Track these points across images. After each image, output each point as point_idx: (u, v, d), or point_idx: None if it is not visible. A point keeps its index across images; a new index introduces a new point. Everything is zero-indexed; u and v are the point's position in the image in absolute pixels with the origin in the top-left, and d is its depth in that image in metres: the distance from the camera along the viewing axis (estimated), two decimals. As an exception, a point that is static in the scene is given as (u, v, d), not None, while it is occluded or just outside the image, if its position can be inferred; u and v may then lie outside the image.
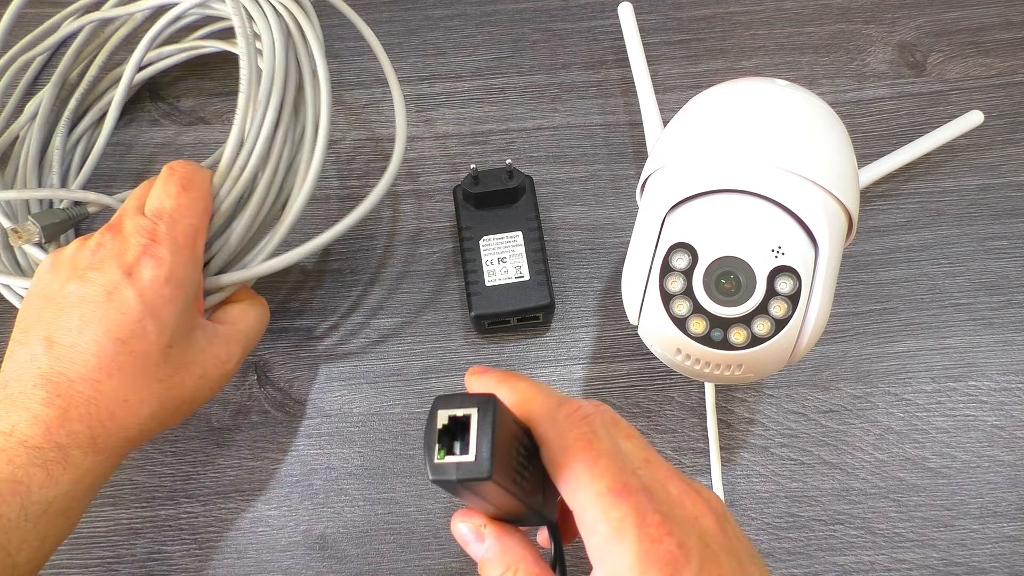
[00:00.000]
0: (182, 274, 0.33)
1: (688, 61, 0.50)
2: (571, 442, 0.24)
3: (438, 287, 0.45)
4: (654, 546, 0.22)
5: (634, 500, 0.23)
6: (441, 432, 0.22)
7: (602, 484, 0.23)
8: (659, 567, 0.22)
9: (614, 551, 0.22)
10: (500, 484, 0.22)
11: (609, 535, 0.22)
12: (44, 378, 0.31)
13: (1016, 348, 0.42)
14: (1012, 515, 0.39)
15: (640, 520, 0.23)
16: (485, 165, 0.46)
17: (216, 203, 0.37)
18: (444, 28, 0.52)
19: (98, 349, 0.31)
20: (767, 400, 0.41)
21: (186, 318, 0.34)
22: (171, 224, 0.34)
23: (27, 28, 0.53)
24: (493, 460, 0.21)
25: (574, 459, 0.24)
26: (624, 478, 0.23)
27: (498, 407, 0.22)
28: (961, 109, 0.46)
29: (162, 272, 0.33)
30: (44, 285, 0.34)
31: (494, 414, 0.21)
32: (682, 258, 0.33)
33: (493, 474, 0.21)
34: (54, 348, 0.31)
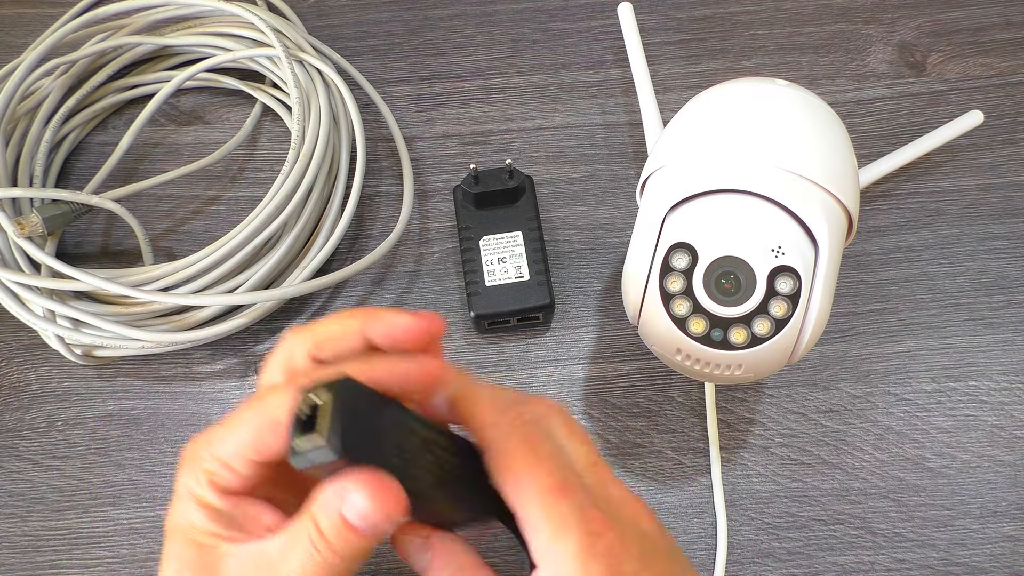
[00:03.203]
0: (180, 491, 0.27)
1: (688, 61, 0.50)
2: (514, 445, 0.24)
3: (438, 287, 0.45)
4: (595, 539, 0.23)
5: (576, 498, 0.24)
6: (300, 419, 0.22)
7: (544, 484, 0.23)
8: (600, 559, 0.23)
9: (557, 547, 0.23)
10: (358, 463, 0.22)
11: (552, 532, 0.23)
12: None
13: (1016, 348, 0.42)
14: (1012, 515, 0.39)
15: (581, 516, 0.23)
16: (485, 165, 0.46)
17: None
18: (444, 28, 0.52)
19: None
20: (767, 400, 0.41)
21: (194, 542, 0.26)
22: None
23: (27, 28, 0.53)
24: (344, 437, 0.21)
25: (516, 461, 0.24)
26: (565, 477, 0.24)
27: (348, 385, 0.22)
28: (961, 109, 0.46)
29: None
30: None
31: (345, 391, 0.22)
32: (682, 258, 0.33)
33: (345, 451, 0.21)
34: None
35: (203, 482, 0.26)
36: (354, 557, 0.24)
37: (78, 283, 0.40)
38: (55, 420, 0.42)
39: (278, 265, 0.42)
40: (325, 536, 0.24)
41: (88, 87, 0.48)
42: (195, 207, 0.47)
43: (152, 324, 0.41)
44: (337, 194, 0.45)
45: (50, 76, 0.48)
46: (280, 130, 0.49)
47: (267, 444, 0.25)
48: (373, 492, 0.23)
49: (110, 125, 0.50)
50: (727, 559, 0.38)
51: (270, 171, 0.48)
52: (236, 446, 0.25)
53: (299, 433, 0.22)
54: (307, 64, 0.46)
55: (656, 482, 0.40)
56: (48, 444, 0.42)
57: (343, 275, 0.42)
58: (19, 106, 0.47)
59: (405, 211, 0.44)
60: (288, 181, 0.42)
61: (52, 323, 0.41)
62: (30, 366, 0.44)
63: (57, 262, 0.40)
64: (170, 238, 0.47)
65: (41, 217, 0.42)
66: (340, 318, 0.27)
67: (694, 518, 0.39)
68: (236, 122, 0.50)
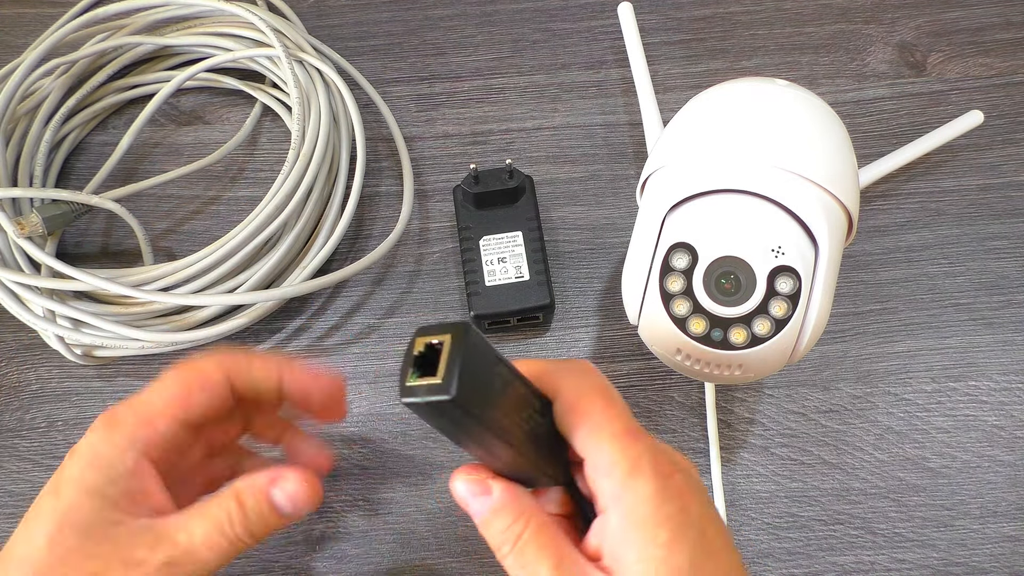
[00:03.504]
0: (100, 452, 0.27)
1: (688, 61, 0.50)
2: (586, 390, 0.25)
3: (438, 287, 0.45)
4: (667, 480, 0.24)
5: (646, 441, 0.25)
6: (418, 359, 0.22)
7: (618, 425, 0.25)
8: (673, 500, 0.24)
9: (632, 487, 0.24)
10: (473, 413, 0.22)
11: (627, 472, 0.24)
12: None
13: (1016, 348, 0.42)
14: (1012, 515, 0.39)
15: (653, 458, 0.24)
16: (485, 165, 0.46)
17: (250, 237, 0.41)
18: (444, 28, 0.52)
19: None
20: (767, 400, 0.41)
21: (96, 504, 0.26)
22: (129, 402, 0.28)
23: (27, 28, 0.53)
24: (460, 382, 0.21)
25: (590, 404, 0.25)
26: (635, 424, 0.25)
27: (469, 333, 0.22)
28: (961, 109, 0.46)
29: (79, 446, 0.27)
30: None
31: (465, 338, 0.22)
32: (682, 258, 0.33)
33: (458, 396, 0.21)
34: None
35: (118, 441, 0.26)
36: (259, 538, 0.26)
37: (78, 283, 0.40)
38: (55, 420, 0.42)
39: (278, 265, 0.42)
40: (246, 510, 0.26)
41: (88, 87, 0.48)
42: (195, 207, 0.47)
43: (152, 324, 0.41)
44: (337, 194, 0.45)
45: (50, 76, 0.48)
46: (280, 130, 0.49)
47: (194, 399, 0.26)
48: (303, 479, 0.26)
49: (110, 125, 0.50)
50: (727, 559, 0.38)
51: (270, 171, 0.48)
52: (163, 401, 0.27)
53: (416, 371, 0.22)
54: (307, 64, 0.46)
55: (656, 482, 0.40)
56: (48, 444, 0.42)
57: (343, 275, 0.42)
58: (19, 106, 0.47)
59: (405, 211, 0.44)
60: (288, 181, 0.42)
61: (52, 323, 0.41)
62: (30, 366, 0.44)
63: (57, 262, 0.40)
64: (170, 238, 0.47)
65: (41, 217, 0.42)
66: (264, 361, 0.29)
67: (694, 518, 0.39)
68: (236, 122, 0.50)
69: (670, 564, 0.23)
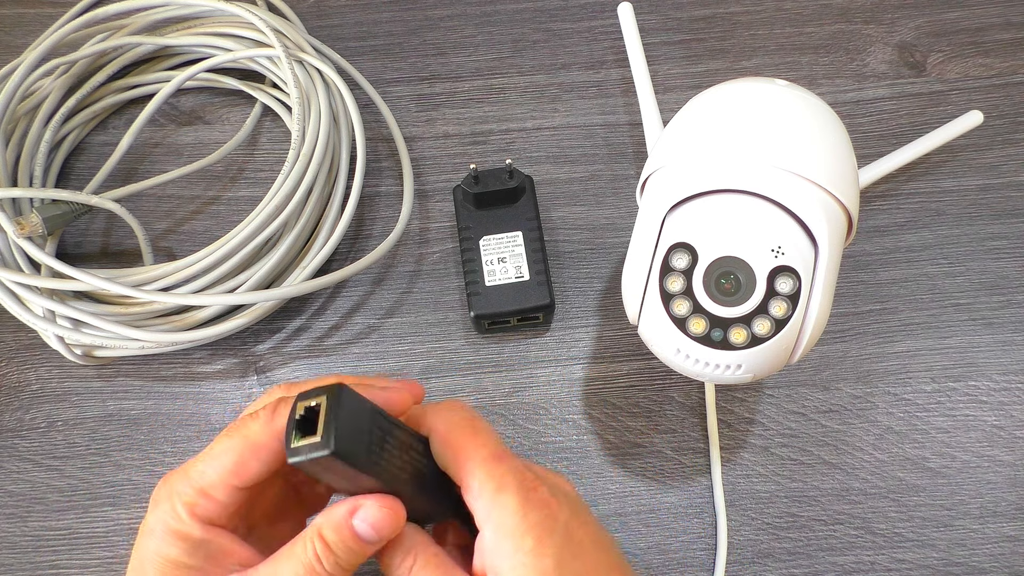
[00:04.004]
0: (170, 526, 0.27)
1: (688, 61, 0.50)
2: (454, 424, 0.28)
3: (438, 287, 0.45)
4: (531, 493, 0.27)
5: (511, 462, 0.27)
6: (299, 422, 0.24)
7: (485, 451, 0.27)
8: (537, 509, 0.26)
9: (499, 502, 0.26)
10: (356, 463, 0.24)
11: (494, 490, 0.26)
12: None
13: (1016, 348, 0.42)
14: (1012, 515, 0.39)
15: (518, 474, 0.27)
16: (485, 165, 0.46)
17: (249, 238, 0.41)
18: (444, 28, 0.52)
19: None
20: (767, 400, 0.41)
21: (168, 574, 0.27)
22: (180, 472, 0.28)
23: (27, 28, 0.53)
24: (338, 436, 0.24)
25: (459, 435, 0.28)
26: (501, 449, 0.28)
27: (343, 392, 0.25)
28: (961, 109, 0.46)
29: (149, 523, 0.28)
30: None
31: (339, 397, 0.24)
32: (682, 258, 0.33)
33: (337, 449, 0.23)
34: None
35: (182, 514, 0.27)
36: (349, 568, 0.27)
37: (78, 283, 0.40)
38: (55, 420, 0.42)
39: (278, 265, 0.42)
40: (330, 546, 0.26)
41: (88, 87, 0.48)
42: (195, 207, 0.47)
43: (152, 324, 0.41)
44: (337, 194, 0.45)
45: (50, 76, 0.48)
46: (280, 130, 0.49)
47: (248, 468, 0.27)
48: (384, 504, 0.26)
49: (110, 125, 0.50)
50: (727, 559, 0.38)
51: (270, 171, 0.48)
52: (218, 473, 0.27)
53: (297, 433, 0.24)
54: (307, 64, 0.46)
55: (656, 482, 0.40)
56: (48, 444, 0.42)
57: (343, 275, 0.42)
58: (19, 106, 0.47)
59: (405, 211, 0.44)
60: (288, 181, 0.42)
61: (52, 323, 0.41)
62: (30, 366, 0.44)
63: (57, 262, 0.40)
64: (170, 238, 0.47)
65: (41, 217, 0.42)
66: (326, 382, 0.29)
67: (694, 518, 0.39)
68: (236, 122, 0.50)
69: (537, 567, 0.25)
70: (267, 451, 0.27)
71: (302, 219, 0.43)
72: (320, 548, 0.26)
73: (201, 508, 0.27)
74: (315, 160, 0.43)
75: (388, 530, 0.27)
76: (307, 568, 0.26)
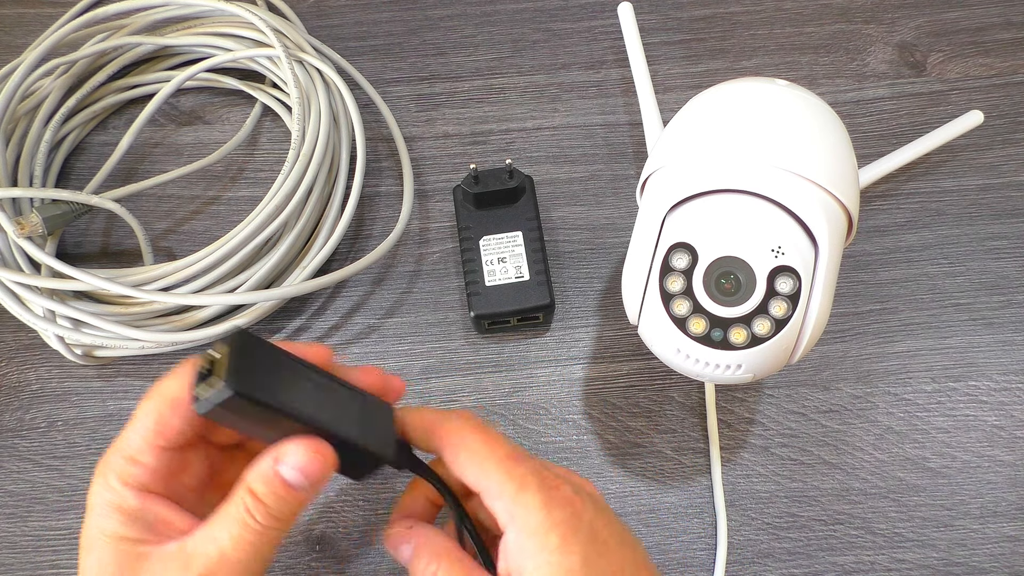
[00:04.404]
0: (105, 499, 0.27)
1: (688, 61, 0.50)
2: (467, 432, 0.28)
3: (438, 287, 0.45)
4: (553, 492, 0.26)
5: (530, 463, 0.27)
6: (202, 374, 0.25)
7: (501, 452, 0.27)
8: (561, 507, 0.26)
9: (521, 501, 0.26)
10: (257, 400, 0.24)
11: (515, 491, 0.26)
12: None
13: (1016, 348, 0.42)
14: (1012, 515, 0.39)
15: (538, 474, 0.27)
16: (485, 165, 0.46)
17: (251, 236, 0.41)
18: (444, 28, 0.52)
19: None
20: (767, 400, 0.41)
21: (122, 547, 0.27)
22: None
23: (27, 28, 0.53)
24: (233, 374, 0.24)
25: (472, 441, 0.28)
26: (518, 450, 0.28)
27: (239, 335, 0.25)
28: (961, 109, 0.46)
29: (88, 500, 0.27)
30: None
31: (234, 342, 0.25)
32: (682, 258, 0.33)
33: (234, 386, 0.24)
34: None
35: (115, 484, 0.27)
36: (287, 518, 0.26)
37: (78, 283, 0.40)
38: (55, 420, 0.42)
39: (278, 265, 0.42)
40: (261, 499, 0.26)
41: (88, 87, 0.48)
42: (195, 207, 0.47)
43: (152, 324, 0.41)
44: (337, 194, 0.45)
45: (50, 76, 0.48)
46: (280, 130, 0.49)
47: (170, 425, 0.27)
48: (308, 446, 0.26)
49: (110, 125, 0.50)
50: (727, 559, 0.38)
51: (270, 171, 0.48)
52: (142, 436, 0.27)
53: (201, 383, 0.25)
54: (307, 64, 0.46)
55: (656, 482, 0.40)
56: (48, 444, 0.42)
57: (343, 275, 0.42)
58: (19, 106, 0.47)
59: (405, 211, 0.44)
60: (288, 181, 0.42)
61: (52, 323, 0.41)
62: (30, 366, 0.44)
63: (57, 262, 0.40)
64: (170, 238, 0.47)
65: (41, 217, 0.42)
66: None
67: (694, 518, 0.39)
68: (236, 122, 0.50)
69: (563, 566, 0.25)
70: (185, 406, 0.27)
71: (302, 219, 0.43)
72: (251, 502, 0.26)
73: (131, 475, 0.27)
74: (315, 160, 0.43)
75: (317, 473, 0.26)
76: (241, 525, 0.26)
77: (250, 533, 0.26)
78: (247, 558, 0.26)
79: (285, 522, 0.26)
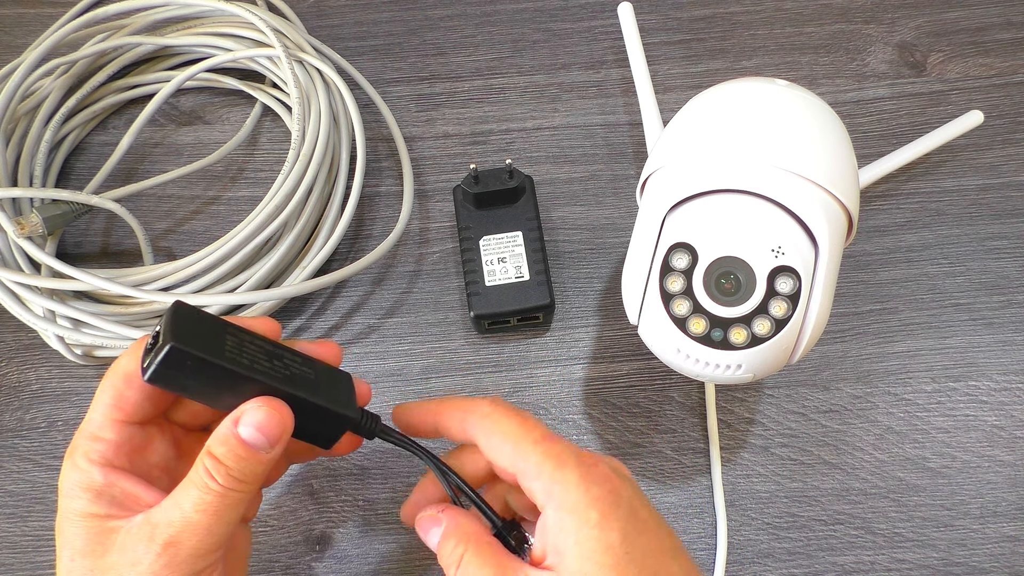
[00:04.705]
0: (72, 479, 0.28)
1: (688, 61, 0.50)
2: (499, 416, 0.28)
3: (438, 287, 0.45)
4: (591, 469, 0.26)
5: (566, 442, 0.28)
6: (148, 349, 0.26)
7: (537, 433, 0.27)
8: (599, 484, 0.26)
9: (560, 478, 0.26)
10: (201, 355, 0.25)
11: (553, 468, 0.26)
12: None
13: (1016, 348, 0.42)
14: (1012, 515, 0.39)
15: (575, 452, 0.27)
16: (485, 165, 0.46)
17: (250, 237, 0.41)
18: (444, 28, 0.52)
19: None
20: (767, 400, 0.41)
21: (91, 524, 0.27)
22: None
23: (27, 28, 0.53)
24: (176, 335, 0.25)
25: (507, 425, 0.28)
26: (551, 431, 0.28)
27: (176, 306, 0.27)
28: (961, 109, 0.46)
29: (59, 482, 0.28)
30: None
31: (174, 311, 0.26)
32: (682, 258, 0.33)
33: (174, 342, 0.25)
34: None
35: (80, 463, 0.27)
36: (248, 479, 0.27)
37: (78, 283, 0.40)
38: (55, 420, 0.42)
39: (278, 265, 0.42)
40: (221, 459, 0.26)
41: (88, 87, 0.48)
42: (195, 207, 0.47)
43: (152, 324, 0.41)
44: (337, 194, 0.45)
45: (50, 76, 0.48)
46: (280, 130, 0.49)
47: (127, 399, 0.28)
48: (264, 403, 0.26)
49: (110, 125, 0.50)
50: (727, 559, 0.38)
51: (270, 171, 0.48)
52: (101, 413, 0.28)
53: (147, 354, 0.26)
54: (307, 64, 0.46)
55: (656, 482, 0.40)
56: (48, 444, 0.42)
57: (343, 275, 0.42)
58: (19, 106, 0.47)
59: (405, 211, 0.44)
60: (288, 181, 0.42)
61: (52, 323, 0.41)
62: (30, 366, 0.44)
63: (57, 262, 0.40)
64: (170, 238, 0.47)
65: (41, 217, 0.42)
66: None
67: (694, 518, 0.39)
68: (236, 122, 0.50)
69: (603, 541, 0.25)
70: (139, 379, 0.27)
71: (302, 219, 0.43)
72: (210, 464, 0.26)
73: (95, 451, 0.27)
74: (315, 160, 0.43)
75: (275, 431, 0.27)
76: (202, 488, 0.26)
77: (211, 495, 0.26)
78: (210, 521, 0.26)
79: (246, 484, 0.27)
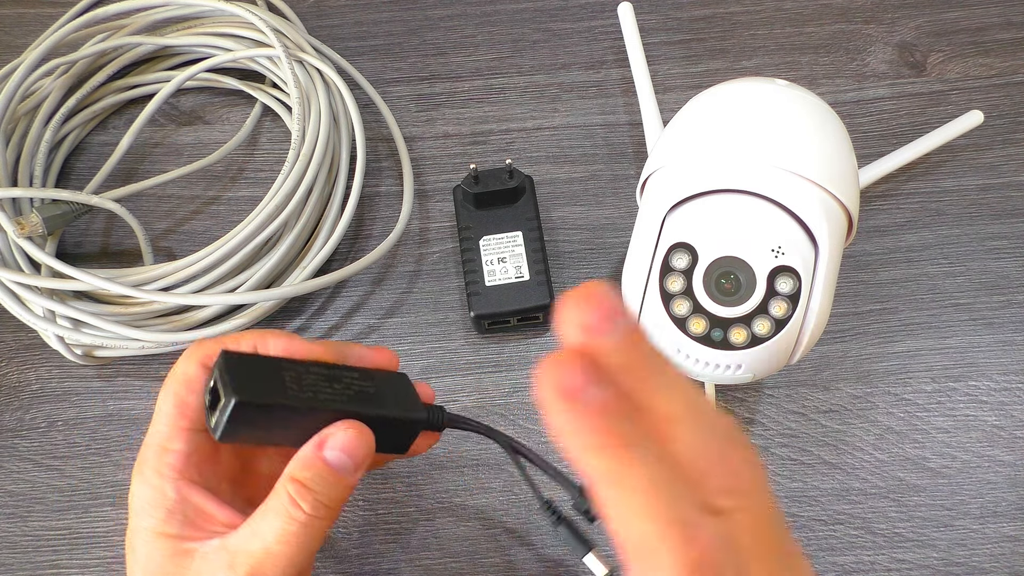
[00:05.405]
0: (143, 496, 0.27)
1: (688, 61, 0.50)
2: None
3: (438, 287, 0.45)
4: (688, 547, 0.19)
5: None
6: (209, 405, 0.26)
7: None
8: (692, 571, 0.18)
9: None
10: (267, 401, 0.25)
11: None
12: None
13: (1016, 348, 0.42)
14: (1012, 515, 0.39)
15: (682, 519, 0.21)
16: (485, 165, 0.46)
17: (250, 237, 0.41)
18: (444, 28, 0.52)
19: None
20: (767, 400, 0.41)
21: (165, 545, 0.27)
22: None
23: (27, 28, 0.53)
24: (235, 388, 0.24)
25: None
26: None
27: (225, 356, 0.26)
28: (961, 109, 0.46)
29: (129, 499, 0.28)
30: None
31: (226, 362, 0.25)
32: (682, 258, 0.33)
33: (238, 396, 0.24)
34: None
35: (151, 477, 0.26)
36: (334, 504, 0.26)
37: (78, 283, 0.40)
38: (55, 420, 0.42)
39: (278, 265, 0.42)
40: (306, 484, 0.25)
41: (88, 87, 0.48)
42: (195, 207, 0.47)
43: (152, 324, 0.41)
44: (337, 194, 0.45)
45: (50, 76, 0.48)
46: (280, 130, 0.49)
47: (188, 404, 0.27)
48: (348, 426, 0.26)
49: (110, 125, 0.50)
50: (727, 559, 0.38)
51: (270, 171, 0.48)
52: (166, 423, 0.27)
53: (210, 411, 0.25)
54: (307, 64, 0.46)
55: (656, 482, 0.40)
56: (48, 444, 0.42)
57: (343, 275, 0.42)
58: (19, 106, 0.47)
59: (405, 211, 0.44)
60: (288, 181, 0.42)
61: (52, 323, 0.41)
62: (30, 366, 0.44)
63: (57, 262, 0.40)
64: (170, 238, 0.47)
65: (41, 217, 0.42)
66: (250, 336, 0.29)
67: (694, 518, 0.39)
68: (236, 122, 0.50)
69: None
70: (199, 382, 0.27)
71: (302, 219, 0.43)
72: (295, 490, 0.25)
73: (165, 464, 0.26)
74: (315, 160, 0.43)
75: (361, 452, 0.26)
76: (285, 517, 0.25)
77: (294, 525, 0.25)
78: (292, 552, 0.25)
79: (331, 509, 0.26)
